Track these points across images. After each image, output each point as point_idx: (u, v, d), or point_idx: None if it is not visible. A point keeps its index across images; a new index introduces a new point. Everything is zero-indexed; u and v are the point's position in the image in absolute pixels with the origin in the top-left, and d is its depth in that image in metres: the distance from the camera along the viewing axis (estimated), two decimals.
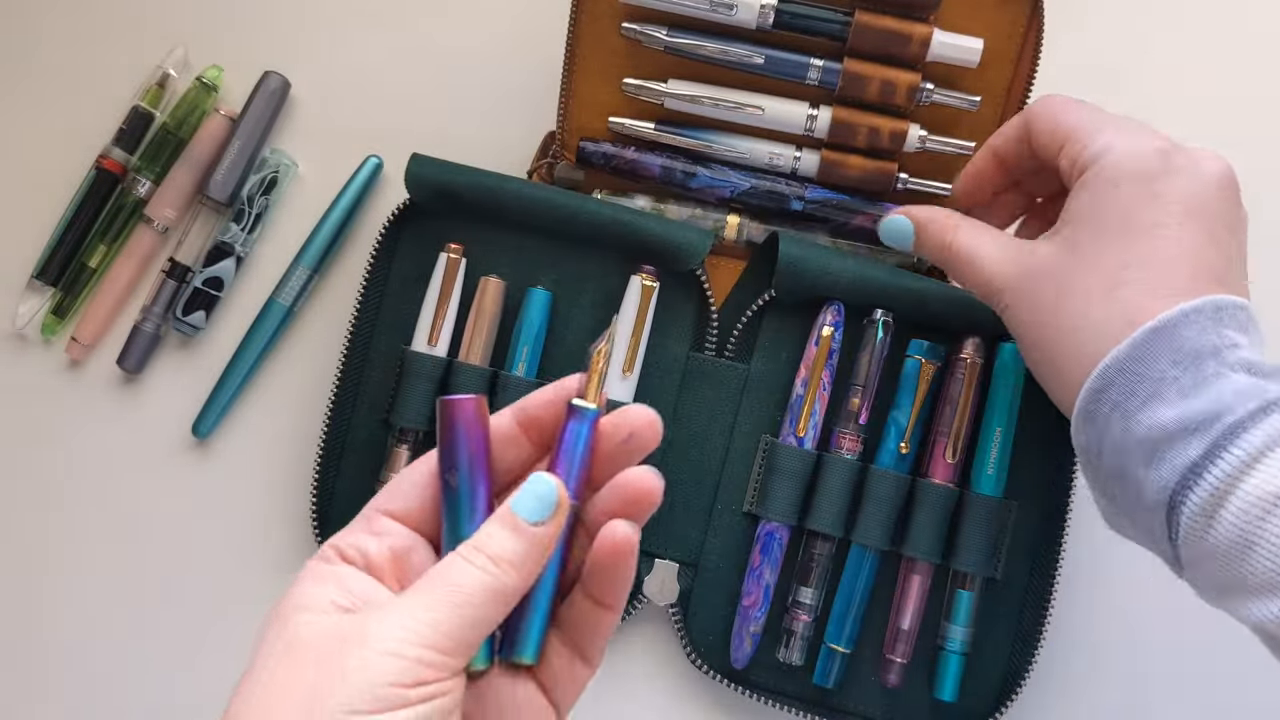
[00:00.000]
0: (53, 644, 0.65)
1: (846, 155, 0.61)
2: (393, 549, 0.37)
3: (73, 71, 0.68)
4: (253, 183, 0.65)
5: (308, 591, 0.36)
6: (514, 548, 0.36)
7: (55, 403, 0.66)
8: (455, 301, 0.61)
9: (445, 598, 0.34)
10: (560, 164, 0.63)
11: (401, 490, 0.39)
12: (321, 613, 0.35)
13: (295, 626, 0.34)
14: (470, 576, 0.35)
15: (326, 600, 0.35)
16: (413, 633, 0.33)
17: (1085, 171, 0.45)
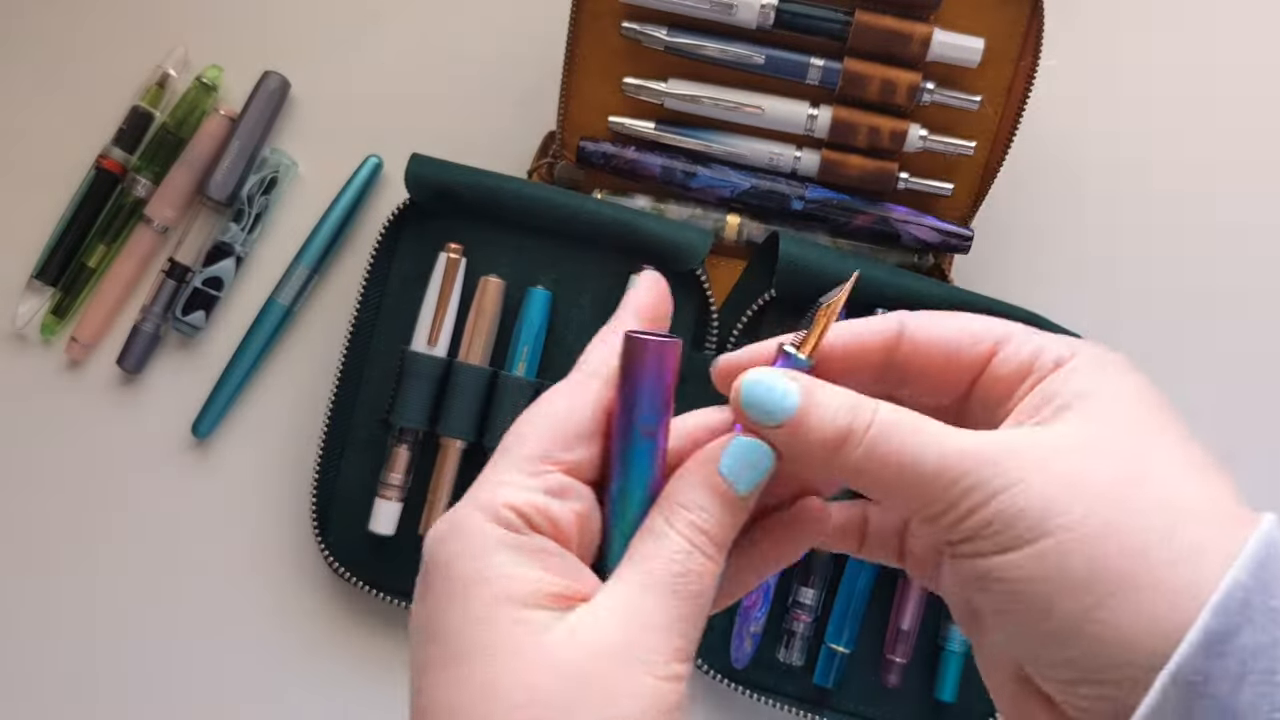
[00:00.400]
0: (52, 643, 0.65)
1: (847, 155, 0.61)
2: (577, 514, 0.31)
3: (73, 71, 0.68)
4: (253, 183, 0.65)
5: (509, 574, 0.29)
6: (730, 524, 0.31)
7: (55, 403, 0.66)
8: (455, 301, 0.61)
9: (685, 594, 0.30)
10: (560, 164, 0.63)
11: (569, 435, 0.32)
12: (538, 607, 0.28)
13: (514, 627, 0.28)
14: (701, 565, 0.30)
15: (538, 589, 0.29)
16: (672, 646, 0.29)
17: (1068, 361, 0.32)
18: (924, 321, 0.34)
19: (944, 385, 0.34)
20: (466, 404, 0.60)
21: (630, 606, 0.29)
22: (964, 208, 0.63)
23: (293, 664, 0.64)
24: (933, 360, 0.34)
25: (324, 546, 0.61)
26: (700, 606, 0.30)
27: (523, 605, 0.28)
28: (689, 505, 0.31)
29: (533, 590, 0.29)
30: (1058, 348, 0.32)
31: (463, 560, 0.29)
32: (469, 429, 0.60)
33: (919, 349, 0.34)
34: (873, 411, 0.31)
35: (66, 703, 0.64)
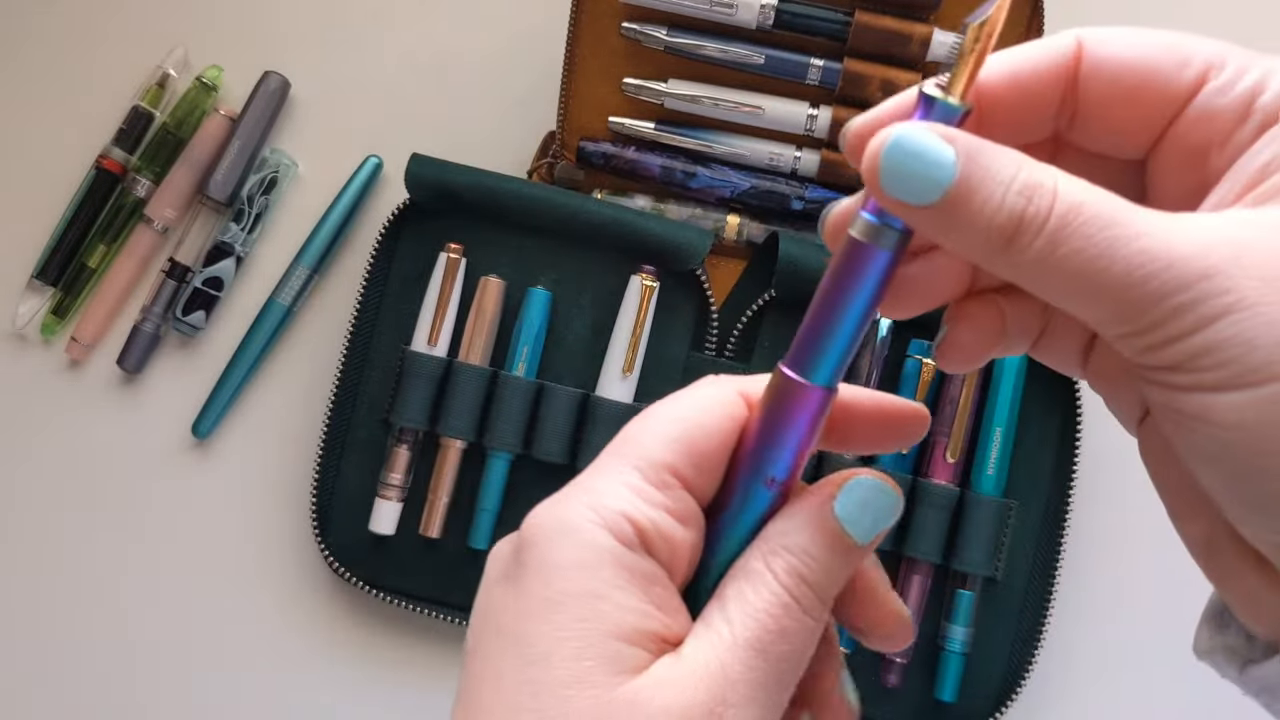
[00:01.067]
0: (52, 643, 0.65)
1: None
2: (693, 548, 0.27)
3: (73, 71, 0.68)
4: (253, 183, 0.65)
5: (619, 602, 0.25)
6: (841, 578, 0.27)
7: (55, 403, 0.66)
8: (455, 301, 0.61)
9: (774, 655, 0.25)
10: (560, 164, 0.63)
11: (705, 455, 0.27)
12: (634, 645, 0.25)
13: (602, 662, 0.25)
14: (799, 623, 0.26)
15: (641, 625, 0.25)
16: (750, 718, 0.25)
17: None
18: (1109, 36, 0.26)
19: (1130, 127, 0.26)
20: (466, 404, 0.60)
21: (715, 666, 0.25)
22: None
23: (293, 663, 0.64)
24: (1119, 89, 0.26)
25: (324, 546, 0.61)
26: (789, 671, 0.26)
27: (621, 640, 0.25)
28: (794, 549, 0.26)
29: (635, 627, 0.25)
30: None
31: (568, 570, 0.26)
32: (469, 429, 0.60)
33: (1101, 74, 0.26)
34: (1052, 192, 0.23)
35: (66, 702, 0.64)
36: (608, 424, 0.60)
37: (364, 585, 0.61)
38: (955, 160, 0.23)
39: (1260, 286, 0.22)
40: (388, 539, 0.61)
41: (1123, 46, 0.26)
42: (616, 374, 0.60)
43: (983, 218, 0.23)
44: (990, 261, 0.24)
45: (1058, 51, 0.26)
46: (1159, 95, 0.25)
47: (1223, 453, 0.23)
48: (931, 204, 0.23)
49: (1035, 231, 0.23)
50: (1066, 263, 0.23)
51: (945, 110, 0.25)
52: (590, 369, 0.61)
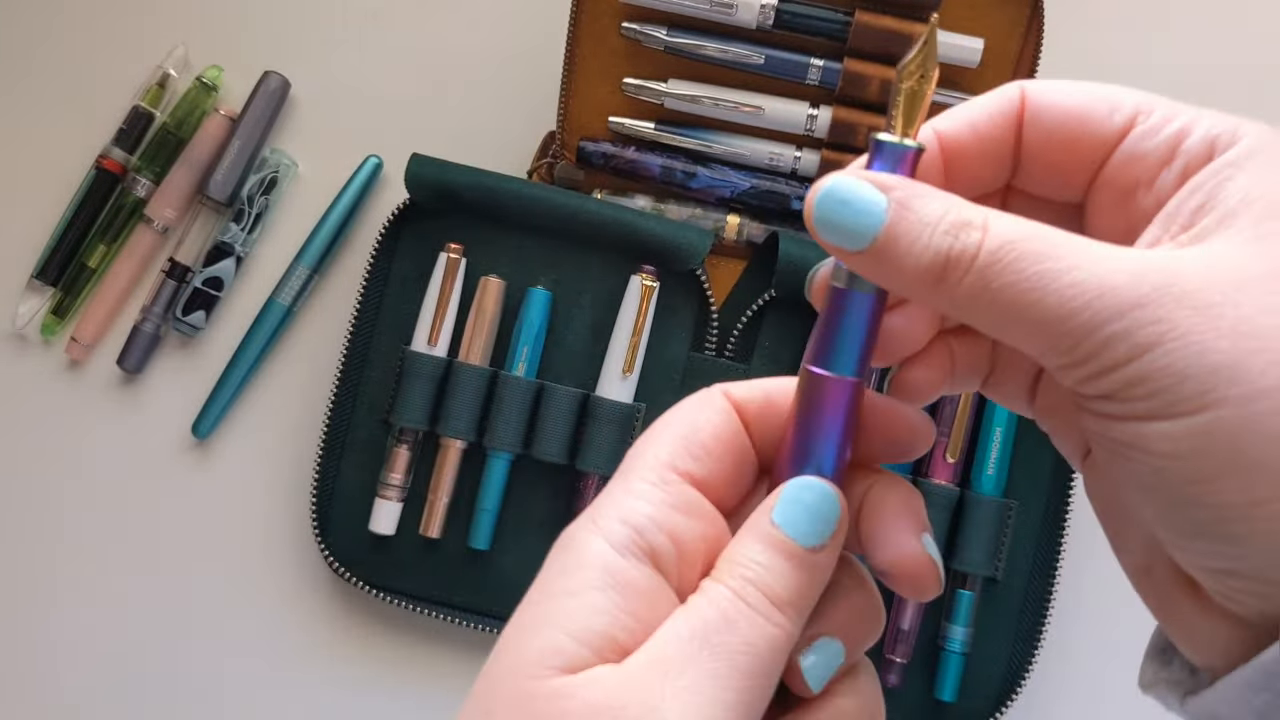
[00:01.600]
0: (52, 643, 0.65)
1: (846, 155, 0.61)
2: (705, 539, 0.27)
3: (73, 71, 0.68)
4: (253, 183, 0.65)
5: (585, 598, 0.25)
6: (799, 581, 0.26)
7: (55, 403, 0.66)
8: (455, 301, 0.61)
9: (739, 667, 0.25)
10: (560, 164, 0.63)
11: (696, 446, 0.28)
12: (592, 649, 0.25)
13: (539, 664, 0.25)
14: (763, 634, 0.25)
15: (602, 628, 0.25)
16: (684, 708, 0.24)
17: (1231, 146, 0.25)
18: (1048, 86, 0.28)
19: (1067, 169, 0.27)
20: (466, 404, 0.60)
21: (649, 662, 0.25)
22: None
23: (293, 663, 0.64)
24: (1056, 135, 0.27)
25: (324, 546, 0.61)
26: (747, 665, 0.25)
27: (573, 637, 0.25)
28: (740, 559, 0.26)
29: (593, 628, 0.25)
30: (1214, 124, 0.25)
31: (556, 575, 0.26)
32: (469, 429, 0.60)
33: (1042, 121, 0.27)
34: (981, 228, 0.24)
35: (66, 702, 0.64)
36: (608, 424, 0.60)
37: (364, 585, 0.61)
38: (885, 206, 0.25)
39: (1191, 316, 0.22)
40: (388, 539, 0.61)
41: (1060, 95, 0.27)
42: (616, 374, 0.60)
43: (910, 258, 0.24)
44: (927, 299, 0.25)
45: (1006, 100, 0.28)
46: (1092, 139, 0.27)
47: (1157, 481, 0.23)
48: (863, 249, 0.25)
49: (965, 268, 0.24)
50: (1000, 296, 0.24)
51: (895, 151, 0.26)
52: (590, 369, 0.61)
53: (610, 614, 0.25)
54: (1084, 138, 0.27)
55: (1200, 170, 0.25)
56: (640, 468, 0.27)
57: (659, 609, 0.26)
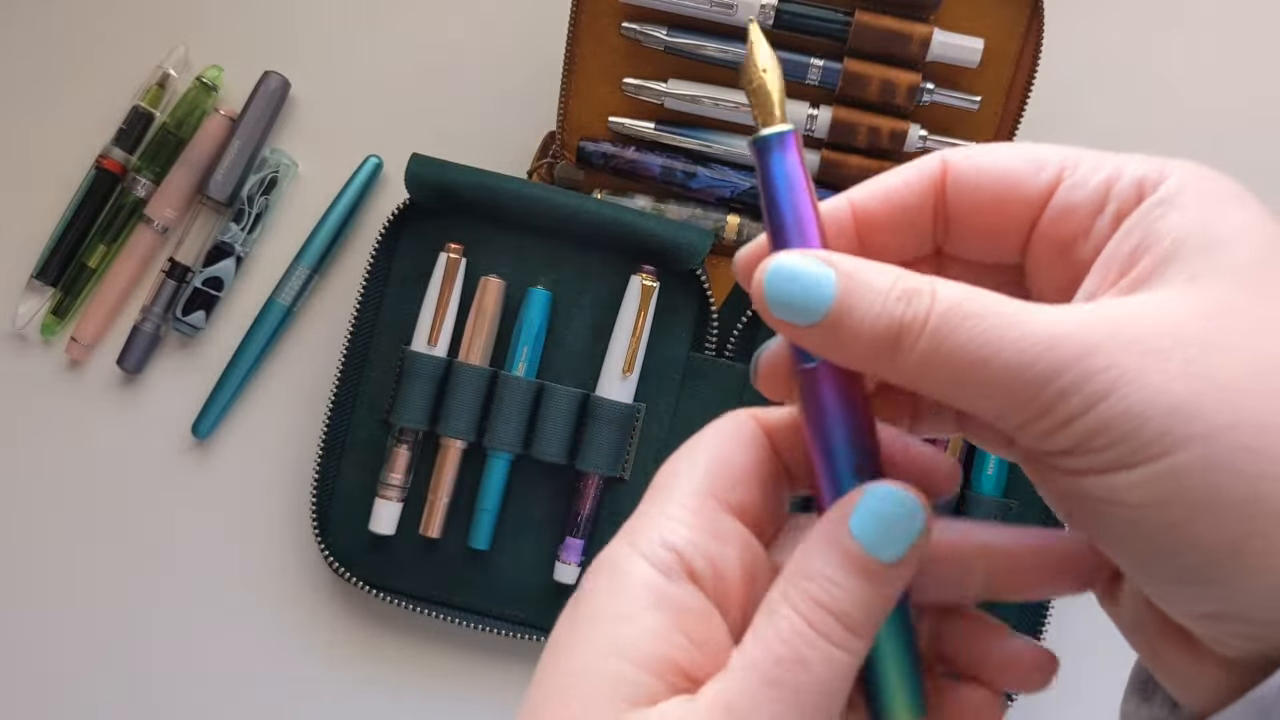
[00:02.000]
0: (52, 643, 0.65)
1: (846, 155, 0.61)
2: (744, 568, 0.26)
3: (73, 71, 0.68)
4: (253, 183, 0.65)
5: (642, 622, 0.25)
6: (872, 602, 0.25)
7: (55, 403, 0.66)
8: (455, 301, 0.61)
9: (788, 686, 0.24)
10: (560, 164, 0.63)
11: (729, 465, 0.27)
12: (657, 675, 0.24)
13: (610, 694, 0.24)
14: (819, 651, 0.24)
15: (665, 654, 0.24)
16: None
17: (1159, 187, 0.25)
18: (970, 154, 0.27)
19: (999, 232, 0.27)
20: (467, 404, 0.60)
21: (721, 702, 0.24)
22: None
23: (292, 664, 0.64)
24: (984, 201, 0.27)
25: (324, 546, 0.61)
26: (814, 703, 0.24)
27: (640, 666, 0.24)
28: (813, 575, 0.25)
29: (657, 654, 0.24)
30: (1138, 169, 0.26)
31: (603, 593, 0.25)
32: (469, 429, 0.60)
33: (966, 189, 0.27)
34: (930, 294, 0.24)
35: (66, 702, 0.64)
36: (608, 424, 0.60)
37: (364, 585, 0.61)
38: (834, 279, 0.25)
39: (1141, 360, 0.22)
40: (388, 539, 0.61)
41: (983, 161, 0.27)
42: (616, 374, 0.60)
43: (865, 327, 0.24)
44: (882, 368, 0.25)
45: (926, 172, 0.28)
46: (1020, 199, 0.27)
47: (1132, 532, 0.23)
48: (817, 322, 0.25)
49: (917, 333, 0.24)
50: (953, 359, 0.23)
51: (771, 140, 0.27)
52: (590, 369, 0.61)
53: (667, 637, 0.25)
54: (1012, 199, 0.27)
55: (1132, 213, 0.25)
56: (676, 492, 0.27)
57: (713, 630, 0.25)
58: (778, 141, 0.27)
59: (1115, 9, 0.68)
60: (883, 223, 0.28)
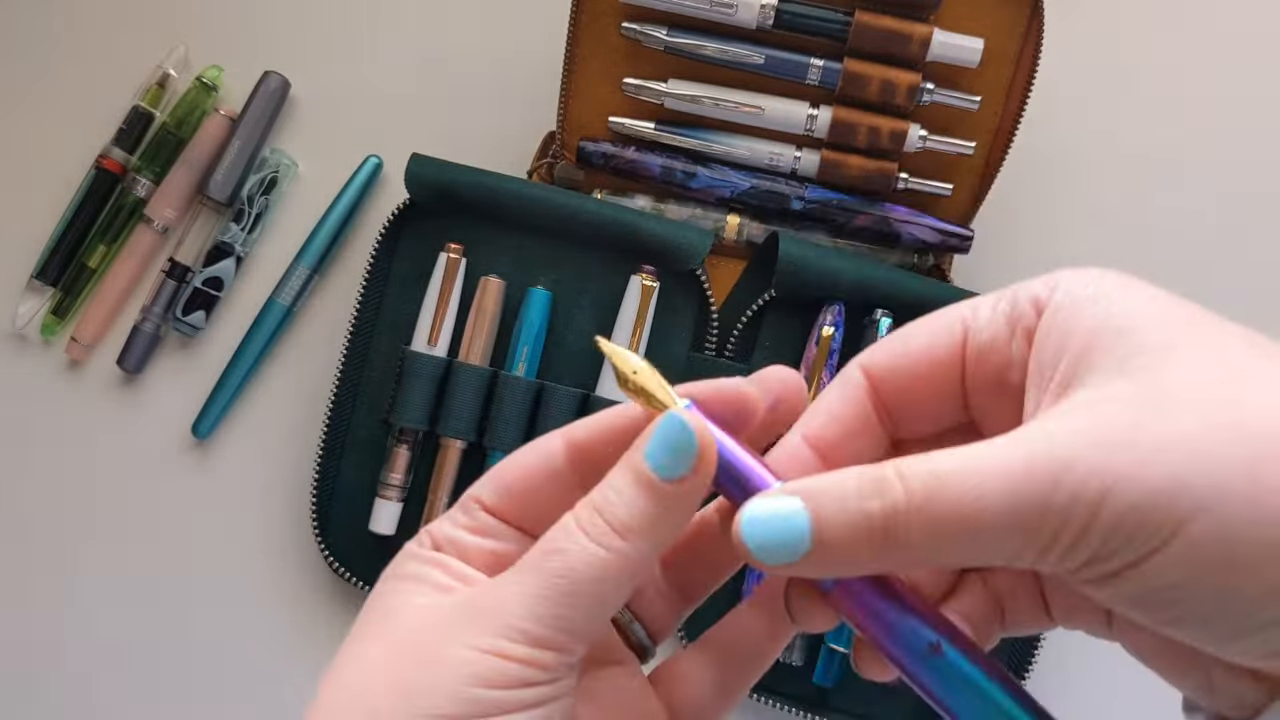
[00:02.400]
0: (51, 644, 0.65)
1: (846, 155, 0.61)
2: (494, 554, 0.30)
3: (73, 71, 0.68)
4: (253, 182, 0.65)
5: (406, 567, 0.30)
6: (645, 511, 0.28)
7: (55, 403, 0.66)
8: (455, 301, 0.61)
9: (555, 581, 0.27)
10: (560, 164, 0.63)
11: (501, 483, 0.31)
12: (417, 589, 0.29)
13: (391, 602, 0.29)
14: (588, 554, 0.27)
15: (426, 577, 0.29)
16: (515, 626, 0.27)
17: (1053, 297, 0.27)
18: (880, 350, 0.30)
19: (938, 401, 0.29)
20: (466, 404, 0.60)
21: (490, 583, 0.28)
22: (964, 207, 0.63)
23: (293, 664, 0.64)
24: (912, 384, 0.29)
25: (324, 546, 0.61)
26: (569, 591, 0.27)
27: (405, 585, 0.29)
28: (600, 488, 0.28)
29: (417, 576, 0.29)
30: (1030, 287, 0.28)
31: (390, 563, 0.31)
32: (469, 429, 0.60)
33: (893, 383, 0.29)
34: (896, 475, 0.25)
35: (67, 702, 0.64)
36: None
37: (364, 585, 0.61)
38: (800, 504, 0.26)
39: (1110, 456, 0.23)
40: (388, 539, 0.61)
41: (894, 350, 0.29)
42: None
43: (851, 535, 0.25)
44: (891, 565, 0.25)
45: (852, 385, 0.30)
46: (941, 365, 0.29)
47: (1181, 611, 0.24)
48: (808, 550, 0.25)
49: (906, 518, 0.24)
50: (950, 521, 0.24)
51: (678, 422, 0.28)
52: (590, 369, 0.61)
53: (428, 572, 0.29)
54: (936, 371, 0.29)
55: (1038, 328, 0.27)
56: (461, 500, 0.31)
57: (468, 568, 0.30)
58: (690, 416, 0.28)
59: (1115, 9, 0.68)
60: (836, 442, 0.30)
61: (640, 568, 0.28)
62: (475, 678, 0.26)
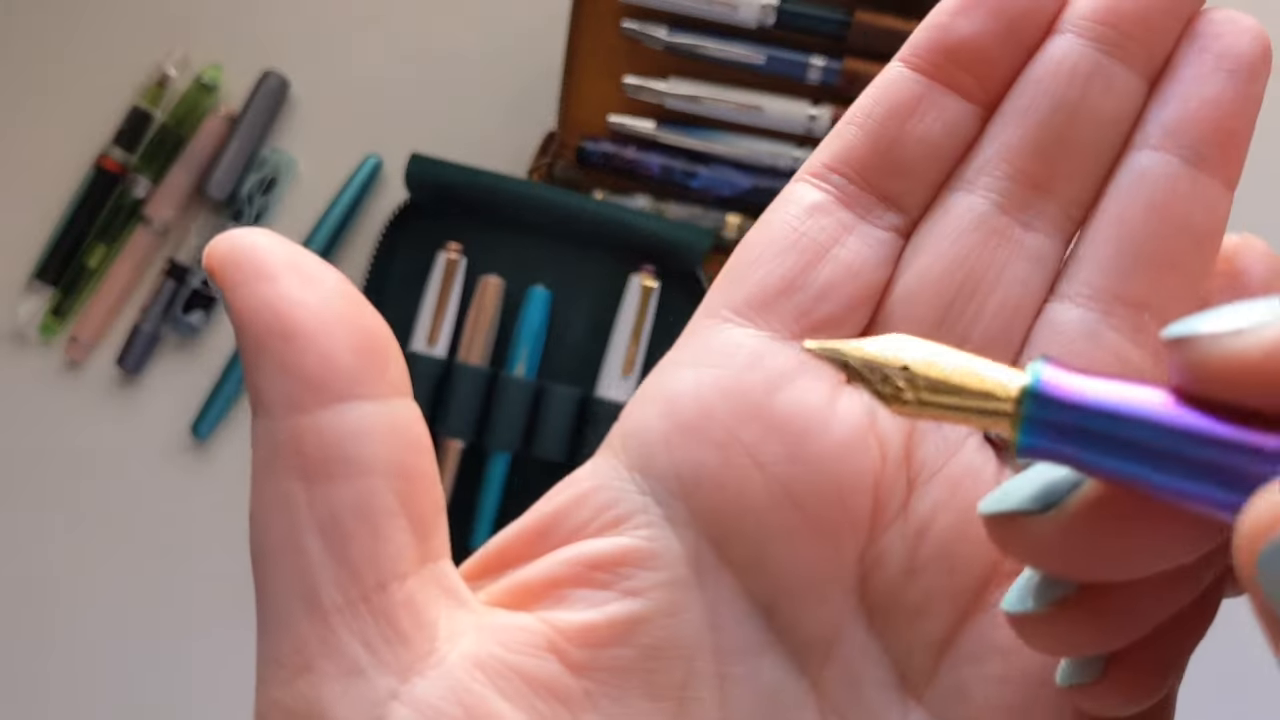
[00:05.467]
0: (51, 644, 0.65)
1: None
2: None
3: (73, 71, 0.68)
4: (252, 182, 0.65)
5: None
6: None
7: (55, 403, 0.66)
8: (455, 301, 0.61)
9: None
10: (560, 164, 0.63)
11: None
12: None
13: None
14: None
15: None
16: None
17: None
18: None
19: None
20: (466, 404, 0.60)
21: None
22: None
23: None
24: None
25: None
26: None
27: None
28: None
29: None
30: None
31: None
32: (468, 429, 0.60)
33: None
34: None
35: (66, 702, 0.64)
36: (607, 424, 0.59)
37: None
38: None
39: None
40: None
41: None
42: (616, 374, 0.60)
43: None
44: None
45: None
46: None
47: None
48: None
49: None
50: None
51: (1036, 392, 0.17)
52: (590, 369, 0.61)
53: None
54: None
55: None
56: None
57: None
58: (1037, 394, 0.17)
59: None
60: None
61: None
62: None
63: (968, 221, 0.23)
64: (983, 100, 0.23)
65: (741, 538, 0.21)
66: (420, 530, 0.21)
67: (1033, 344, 0.22)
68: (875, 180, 0.23)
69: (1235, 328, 0.16)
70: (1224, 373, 0.16)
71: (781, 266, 0.23)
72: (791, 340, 0.22)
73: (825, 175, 0.24)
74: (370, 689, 0.19)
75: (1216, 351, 0.16)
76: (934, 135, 0.23)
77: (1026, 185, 0.23)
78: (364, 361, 0.22)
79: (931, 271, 0.22)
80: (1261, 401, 0.16)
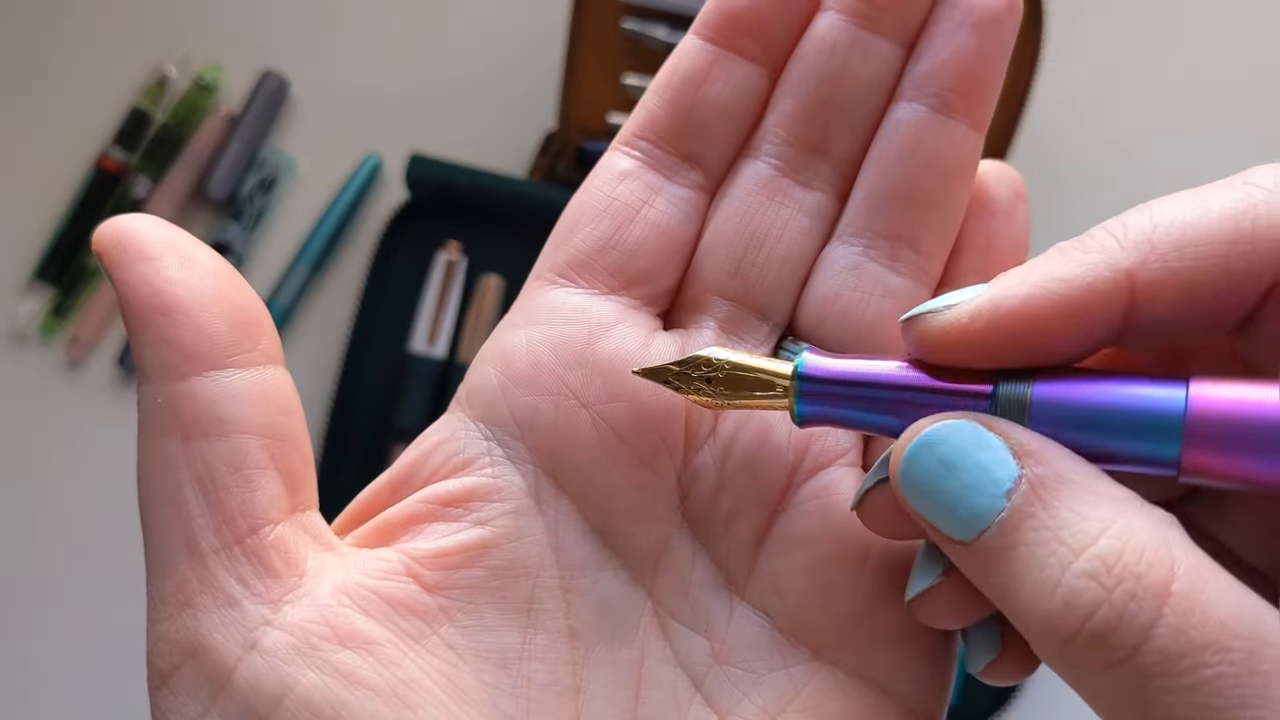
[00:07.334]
0: (51, 644, 0.65)
1: None
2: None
3: (73, 71, 0.68)
4: (252, 182, 0.65)
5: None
6: None
7: (55, 403, 0.66)
8: (455, 301, 0.61)
9: None
10: (560, 164, 0.63)
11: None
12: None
13: None
14: None
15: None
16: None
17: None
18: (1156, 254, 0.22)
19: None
20: None
21: None
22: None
23: None
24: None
25: None
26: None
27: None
28: None
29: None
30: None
31: None
32: None
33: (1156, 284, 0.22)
34: (1162, 592, 0.19)
35: (66, 702, 0.64)
36: None
37: None
38: (1010, 485, 0.20)
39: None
40: None
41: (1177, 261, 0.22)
42: None
43: (1027, 589, 0.21)
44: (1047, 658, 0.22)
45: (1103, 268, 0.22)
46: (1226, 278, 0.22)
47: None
48: (969, 539, 0.21)
49: (1122, 650, 0.19)
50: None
51: (799, 376, 0.23)
52: None
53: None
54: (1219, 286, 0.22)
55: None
56: None
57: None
58: (802, 374, 0.23)
59: (1115, 16, 0.68)
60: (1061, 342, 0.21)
61: None
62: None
63: (754, 185, 0.26)
64: (768, 63, 0.26)
65: (575, 469, 0.24)
66: (290, 483, 0.25)
67: (811, 282, 0.26)
68: (677, 143, 0.26)
69: (943, 306, 0.21)
70: (935, 341, 0.21)
71: (597, 230, 0.25)
72: (610, 295, 0.25)
73: (633, 142, 0.26)
74: (244, 617, 0.22)
75: (930, 326, 0.21)
76: (725, 97, 0.26)
77: (802, 149, 0.26)
78: (237, 333, 0.24)
79: (725, 229, 0.26)
80: (964, 359, 0.21)
